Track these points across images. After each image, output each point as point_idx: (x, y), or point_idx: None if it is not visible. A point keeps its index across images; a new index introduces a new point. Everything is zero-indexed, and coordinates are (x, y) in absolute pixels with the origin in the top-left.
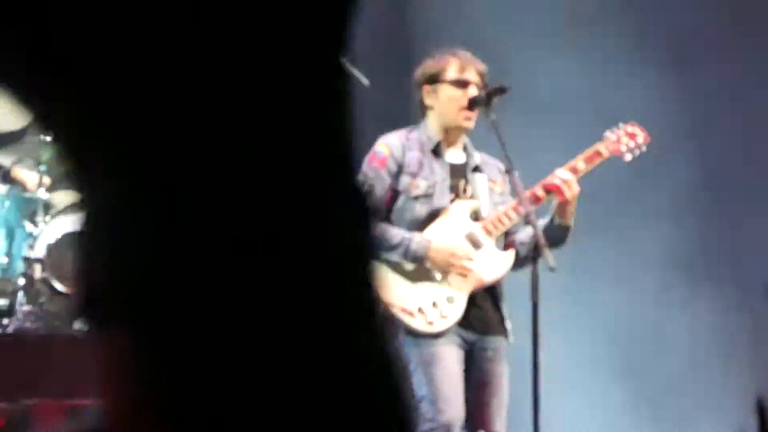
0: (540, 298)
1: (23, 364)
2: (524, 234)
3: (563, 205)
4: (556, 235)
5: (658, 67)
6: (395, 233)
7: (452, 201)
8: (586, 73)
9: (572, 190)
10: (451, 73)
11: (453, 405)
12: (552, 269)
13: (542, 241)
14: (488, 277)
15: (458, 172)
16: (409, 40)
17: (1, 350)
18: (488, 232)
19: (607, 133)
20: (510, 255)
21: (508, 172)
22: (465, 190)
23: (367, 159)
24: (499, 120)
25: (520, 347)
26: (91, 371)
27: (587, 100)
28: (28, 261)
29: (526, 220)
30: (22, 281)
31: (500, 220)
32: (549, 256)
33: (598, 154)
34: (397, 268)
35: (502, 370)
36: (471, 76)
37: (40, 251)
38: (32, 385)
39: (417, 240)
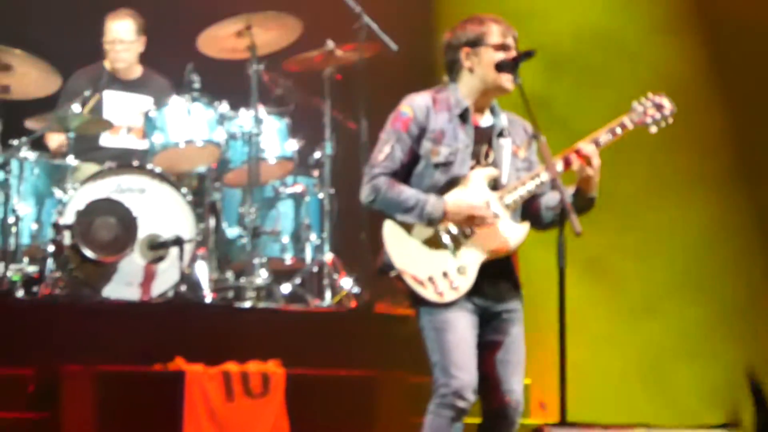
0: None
1: (52, 330)
2: (550, 199)
3: (587, 177)
4: (581, 206)
5: None
6: (411, 194)
7: (472, 167)
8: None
9: (594, 162)
10: (494, 37)
11: (465, 371)
12: (578, 234)
13: (569, 207)
14: (502, 248)
15: (483, 137)
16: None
17: (30, 316)
18: (507, 207)
19: (635, 105)
20: (525, 227)
21: (535, 137)
22: (487, 155)
23: (390, 118)
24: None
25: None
26: (118, 337)
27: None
28: (58, 227)
29: (553, 186)
30: (51, 248)
31: (521, 196)
32: (575, 221)
33: (623, 126)
34: (411, 232)
35: (518, 331)
36: (510, 41)
37: (69, 218)
38: (61, 351)
39: (432, 201)
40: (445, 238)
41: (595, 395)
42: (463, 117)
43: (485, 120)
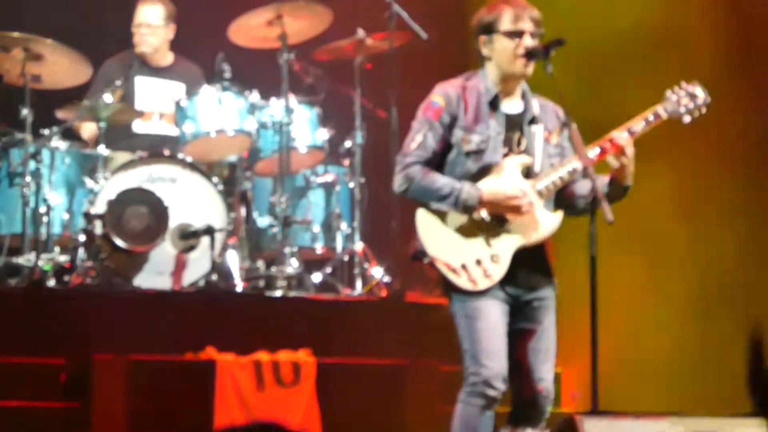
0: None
1: (83, 319)
2: (582, 187)
3: (621, 167)
4: (615, 194)
5: None
6: (445, 182)
7: (505, 155)
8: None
9: (628, 152)
10: (505, 23)
11: (495, 359)
12: (610, 223)
13: (600, 195)
14: (536, 236)
15: (514, 124)
16: None
17: (61, 306)
18: (540, 195)
19: (668, 93)
20: (558, 216)
21: (566, 125)
22: (519, 143)
23: (422, 107)
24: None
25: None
26: (149, 326)
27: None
28: (89, 217)
29: (585, 174)
30: (82, 237)
31: (554, 183)
32: (607, 209)
33: (657, 116)
34: (445, 220)
35: (549, 319)
36: (525, 25)
37: (100, 207)
38: (92, 341)
39: (467, 189)
40: (479, 226)
41: (627, 384)
42: (494, 104)
43: (516, 106)
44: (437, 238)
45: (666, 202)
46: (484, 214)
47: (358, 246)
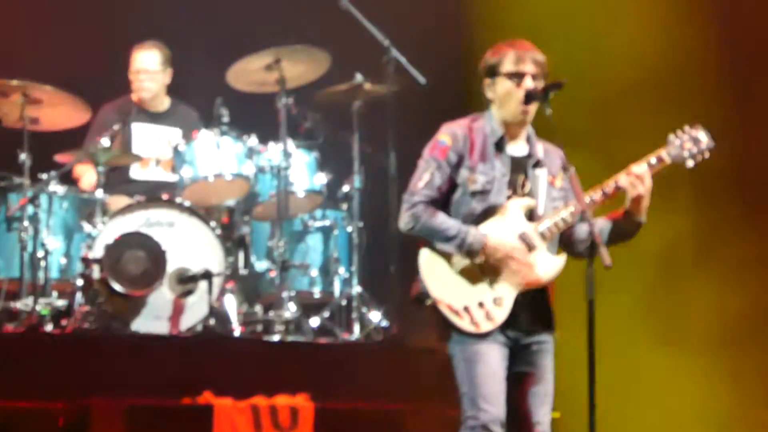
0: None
1: (81, 363)
2: (583, 231)
3: (638, 198)
4: (627, 230)
5: None
6: (452, 224)
7: (509, 197)
8: None
9: (645, 184)
10: (507, 65)
11: (494, 404)
12: (608, 267)
13: (599, 240)
14: (538, 280)
15: (519, 167)
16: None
17: (59, 350)
18: (543, 237)
19: (671, 137)
20: (561, 259)
21: (565, 170)
22: (524, 185)
23: (428, 146)
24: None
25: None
26: (147, 371)
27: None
28: (86, 261)
29: (582, 218)
30: (80, 282)
31: (556, 225)
32: (605, 254)
33: (660, 160)
34: (448, 262)
35: (547, 363)
36: (528, 67)
37: (98, 252)
38: (90, 385)
39: (473, 233)
40: (482, 268)
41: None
42: (499, 146)
43: (520, 149)
44: (440, 279)
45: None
46: (480, 260)
47: (356, 290)
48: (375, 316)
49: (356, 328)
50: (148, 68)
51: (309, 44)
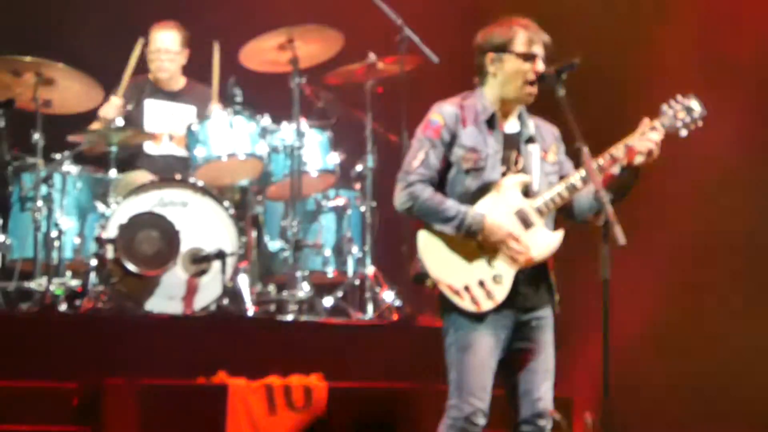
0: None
1: (95, 344)
2: (584, 202)
3: (649, 154)
4: (627, 181)
5: None
6: (450, 205)
7: (503, 174)
8: None
9: (655, 154)
10: (519, 45)
11: (478, 397)
12: (622, 245)
13: (612, 218)
14: (537, 257)
15: (511, 143)
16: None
17: (73, 330)
18: (540, 213)
19: (664, 107)
20: (559, 235)
21: (578, 150)
22: (517, 162)
23: (421, 126)
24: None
25: None
26: (161, 350)
27: None
28: (100, 241)
29: (596, 198)
30: (94, 261)
31: (553, 201)
32: (620, 233)
33: (654, 130)
34: (447, 242)
35: (548, 339)
36: (538, 49)
37: (112, 231)
38: (104, 365)
39: (472, 214)
40: (481, 247)
41: (640, 410)
42: (491, 123)
43: (512, 126)
44: (439, 260)
45: None
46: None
47: (370, 270)
48: (388, 296)
49: (369, 307)
50: (169, 48)
51: (322, 24)
